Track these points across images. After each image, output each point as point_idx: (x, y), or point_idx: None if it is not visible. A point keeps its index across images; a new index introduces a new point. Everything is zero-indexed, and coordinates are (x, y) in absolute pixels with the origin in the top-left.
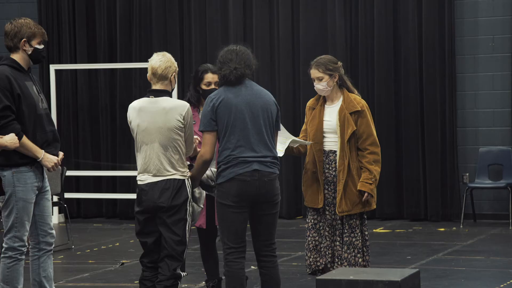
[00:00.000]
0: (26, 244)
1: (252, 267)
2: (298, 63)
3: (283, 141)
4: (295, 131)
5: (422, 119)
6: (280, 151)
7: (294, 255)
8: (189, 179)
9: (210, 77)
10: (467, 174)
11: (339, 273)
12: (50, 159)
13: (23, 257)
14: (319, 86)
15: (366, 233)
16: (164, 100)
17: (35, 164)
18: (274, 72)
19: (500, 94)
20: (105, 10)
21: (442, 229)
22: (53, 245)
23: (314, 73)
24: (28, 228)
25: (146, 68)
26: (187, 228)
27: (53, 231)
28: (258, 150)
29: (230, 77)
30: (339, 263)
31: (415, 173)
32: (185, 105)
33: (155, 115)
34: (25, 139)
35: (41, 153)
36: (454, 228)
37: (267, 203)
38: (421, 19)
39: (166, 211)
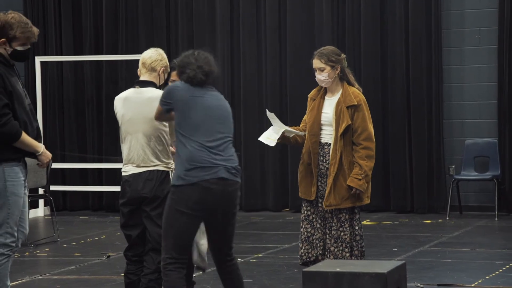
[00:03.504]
0: (16, 239)
1: (238, 259)
2: (285, 56)
3: (277, 131)
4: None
5: (409, 111)
6: (272, 140)
7: (280, 248)
8: (174, 171)
9: (175, 75)
10: (453, 166)
11: (325, 265)
12: (48, 154)
13: (13, 253)
14: (320, 77)
15: (357, 227)
16: (149, 91)
17: (22, 159)
18: (261, 65)
19: (486, 86)
20: (91, 2)
21: (428, 221)
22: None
23: (316, 63)
24: (17, 223)
25: (132, 60)
26: None
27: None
28: (224, 155)
29: (198, 76)
30: (328, 256)
31: (402, 166)
32: None
33: (139, 105)
34: (24, 134)
35: (40, 147)
36: (440, 220)
37: (226, 215)
38: (408, 11)
39: (150, 203)
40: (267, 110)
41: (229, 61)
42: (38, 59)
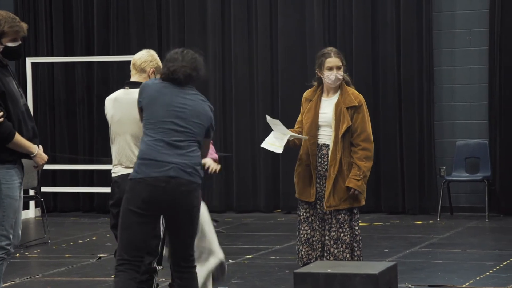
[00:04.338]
0: (11, 242)
1: (230, 260)
2: (276, 57)
3: (281, 137)
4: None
5: (400, 112)
6: (278, 147)
7: (272, 249)
8: None
9: None
10: (444, 167)
11: (317, 266)
12: (42, 156)
13: (8, 256)
14: (338, 75)
15: (357, 227)
16: (137, 92)
17: (18, 161)
18: (252, 65)
19: (477, 87)
20: (82, 3)
21: (419, 222)
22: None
23: (336, 61)
24: (13, 226)
25: (124, 61)
26: (160, 222)
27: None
28: (182, 153)
29: (179, 74)
30: (328, 257)
31: (393, 166)
32: None
33: (128, 106)
34: (17, 135)
35: (35, 149)
36: (431, 221)
37: (183, 217)
38: (399, 12)
39: None
40: (267, 116)
41: (221, 62)
42: (29, 60)
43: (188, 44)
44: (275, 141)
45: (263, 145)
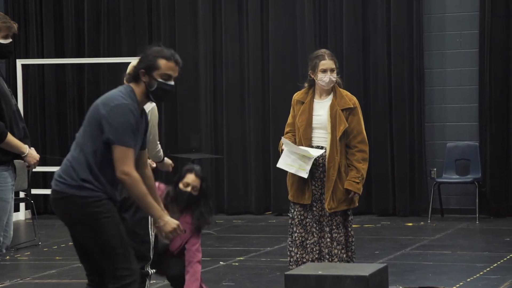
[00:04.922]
0: (3, 244)
1: (221, 262)
2: (267, 58)
3: (304, 161)
4: (264, 128)
5: (391, 114)
6: (304, 171)
7: (263, 251)
8: None
9: (191, 178)
10: (435, 169)
11: (307, 269)
12: (34, 156)
13: None
14: (332, 78)
15: (350, 229)
16: None
17: (11, 162)
18: (243, 66)
19: (467, 89)
20: (73, 4)
21: (410, 224)
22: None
23: (330, 64)
24: (4, 227)
25: (114, 63)
26: (149, 226)
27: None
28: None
29: None
30: (330, 259)
31: (384, 168)
32: (150, 104)
33: None
34: (10, 135)
35: (26, 149)
36: (422, 223)
37: (69, 229)
38: (390, 14)
39: (128, 209)
40: (282, 138)
41: (211, 65)
42: (19, 62)
43: (179, 47)
44: (297, 165)
45: (282, 166)
